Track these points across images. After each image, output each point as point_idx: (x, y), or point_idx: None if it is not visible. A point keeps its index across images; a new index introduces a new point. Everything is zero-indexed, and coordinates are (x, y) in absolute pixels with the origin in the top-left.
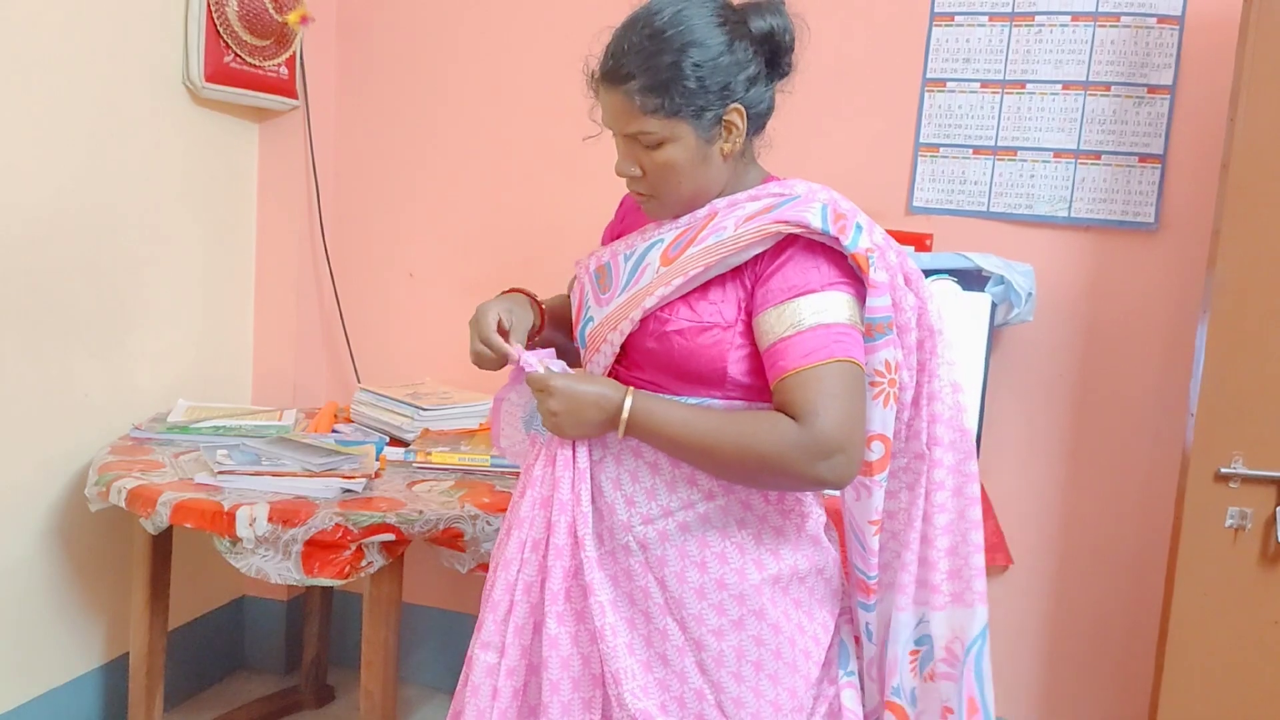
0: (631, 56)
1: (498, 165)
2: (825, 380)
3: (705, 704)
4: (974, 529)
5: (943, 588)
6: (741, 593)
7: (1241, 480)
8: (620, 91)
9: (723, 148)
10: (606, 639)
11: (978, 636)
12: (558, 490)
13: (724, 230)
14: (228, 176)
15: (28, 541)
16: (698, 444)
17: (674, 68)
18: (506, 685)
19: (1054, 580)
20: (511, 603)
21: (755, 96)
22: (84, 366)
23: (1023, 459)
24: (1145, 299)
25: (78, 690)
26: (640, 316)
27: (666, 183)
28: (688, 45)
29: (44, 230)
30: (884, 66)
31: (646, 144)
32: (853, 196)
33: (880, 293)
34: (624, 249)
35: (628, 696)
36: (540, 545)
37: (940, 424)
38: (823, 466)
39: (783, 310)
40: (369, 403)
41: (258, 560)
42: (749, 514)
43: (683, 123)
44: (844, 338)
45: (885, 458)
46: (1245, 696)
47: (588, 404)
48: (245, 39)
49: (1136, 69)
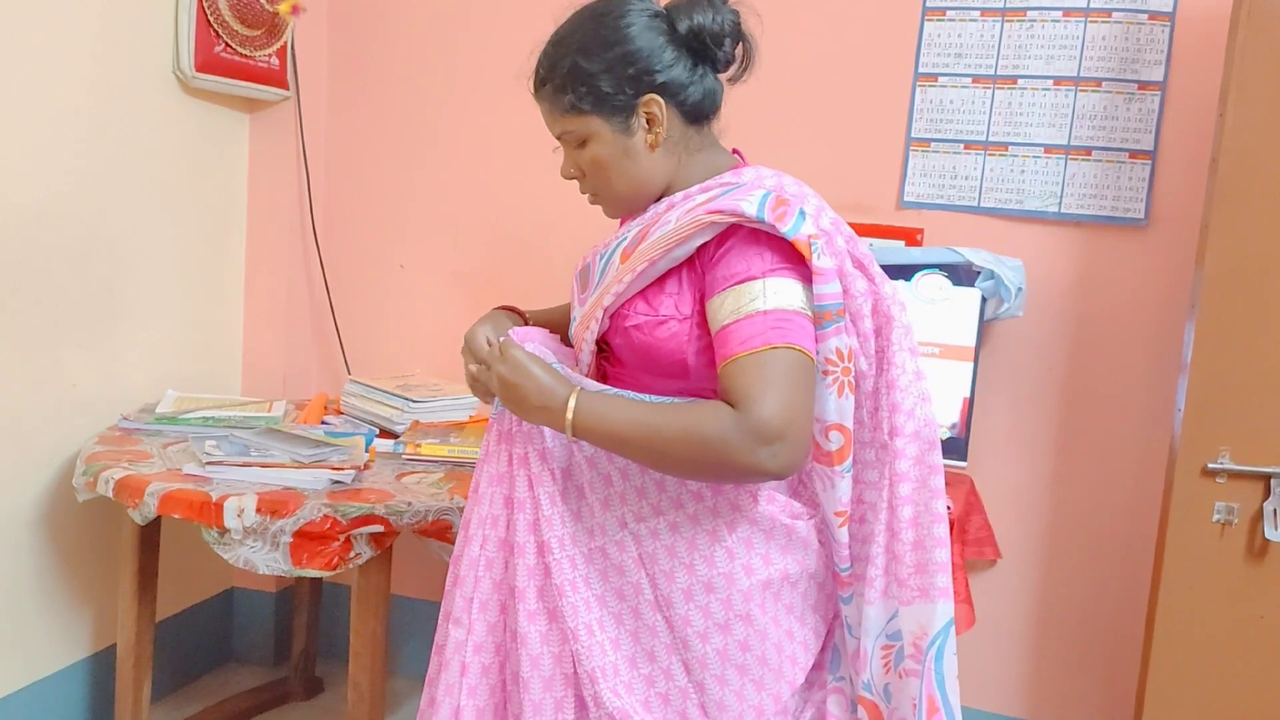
0: (544, 63)
1: (489, 157)
2: (764, 367)
3: (689, 703)
4: (938, 522)
5: (910, 582)
6: (729, 597)
7: (1228, 475)
8: (540, 97)
9: (647, 139)
10: (582, 639)
11: (939, 633)
12: (515, 488)
13: (668, 224)
14: (218, 167)
15: (14, 532)
16: (642, 439)
17: (575, 66)
18: (474, 660)
19: (1042, 574)
20: (475, 579)
21: (675, 86)
22: (72, 357)
23: (1011, 453)
24: (1134, 294)
25: (65, 681)
26: (602, 315)
27: (600, 180)
28: (588, 43)
29: (32, 220)
30: (876, 61)
31: (573, 144)
32: (844, 190)
33: (826, 279)
34: (601, 249)
35: (605, 694)
36: (499, 526)
37: (900, 413)
38: (763, 454)
39: (725, 298)
40: (359, 394)
41: (246, 551)
42: (739, 516)
43: (594, 118)
44: (783, 324)
45: (846, 447)
46: (1231, 690)
47: (531, 388)
48: (236, 29)
49: (1128, 65)
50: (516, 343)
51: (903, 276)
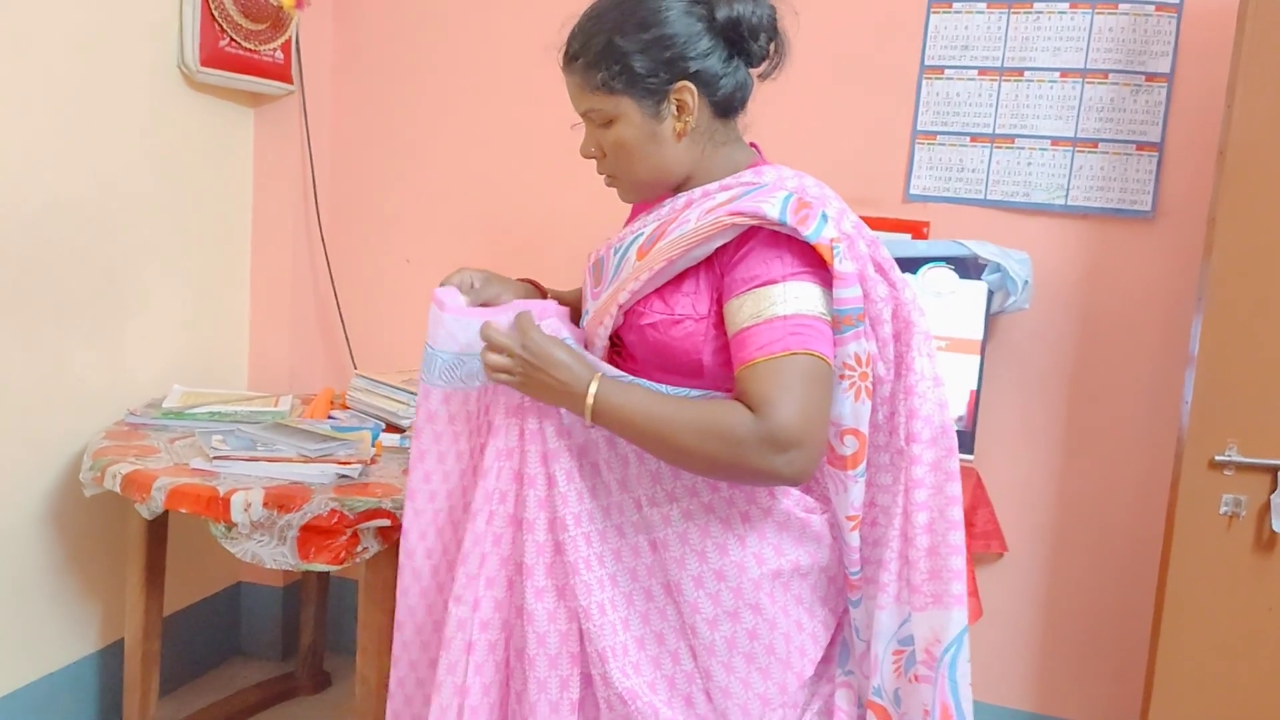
0: (578, 36)
1: (495, 150)
2: (783, 373)
3: (694, 688)
4: (953, 529)
5: (923, 588)
6: (739, 585)
7: (1236, 468)
8: (570, 71)
9: (675, 126)
10: (594, 617)
11: (954, 640)
12: (526, 464)
13: (688, 223)
14: (223, 161)
15: (22, 527)
16: (659, 432)
17: (610, 44)
18: (481, 638)
19: (1049, 567)
20: (482, 555)
21: (709, 75)
22: (79, 352)
23: (1018, 446)
24: (1141, 287)
25: (73, 676)
26: (617, 311)
27: (621, 162)
28: (625, 22)
29: (38, 216)
30: (882, 53)
31: (598, 122)
32: (850, 183)
33: (848, 284)
34: (615, 243)
35: (614, 674)
36: (507, 502)
37: (918, 419)
38: (779, 460)
39: (743, 301)
40: (365, 389)
41: (253, 545)
42: (753, 507)
43: (625, 99)
44: (803, 330)
45: (860, 452)
46: (1239, 682)
47: (552, 372)
48: (241, 23)
49: (1134, 57)
50: (535, 322)
51: (909, 269)
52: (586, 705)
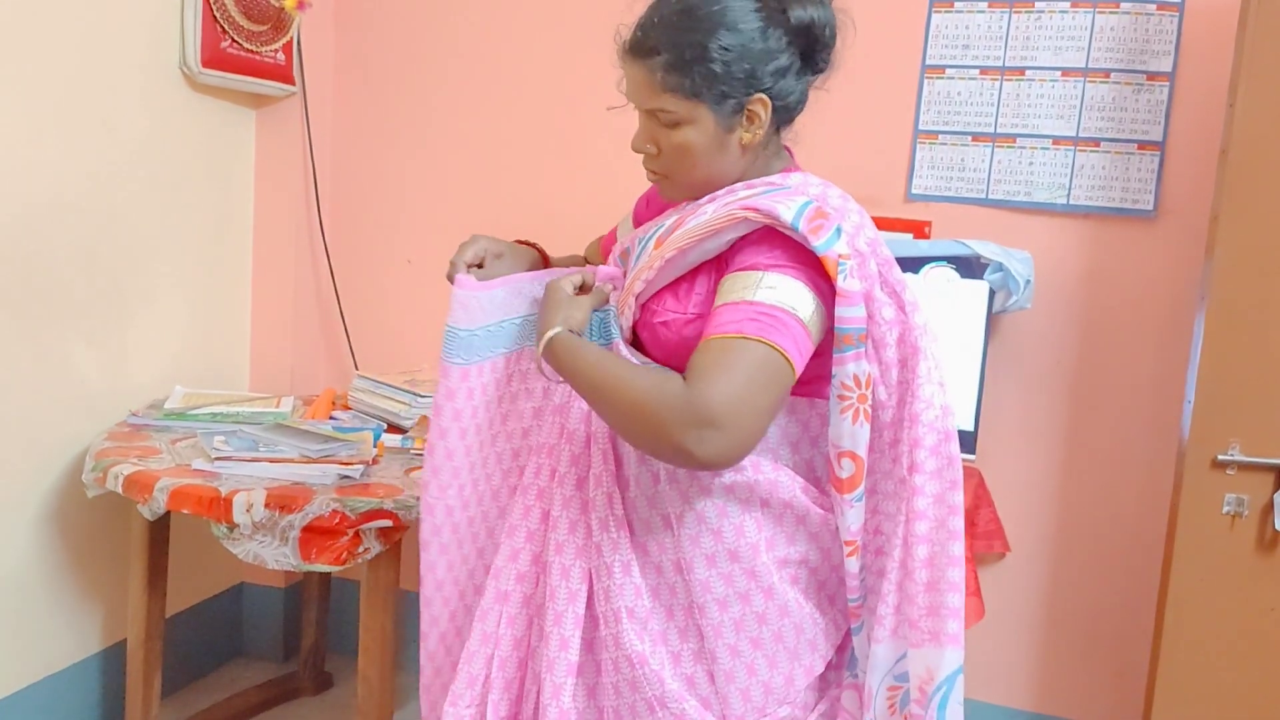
0: (660, 31)
1: (496, 151)
2: (728, 353)
3: (698, 669)
4: (953, 566)
5: (921, 624)
6: (753, 568)
7: (1238, 467)
8: (644, 65)
9: (742, 137)
10: (616, 575)
11: (945, 680)
12: (568, 418)
13: (703, 215)
14: (225, 162)
15: (24, 528)
16: (599, 385)
17: (700, 48)
18: (517, 590)
19: (1051, 567)
20: (526, 507)
21: (784, 89)
22: (80, 353)
23: (1020, 446)
24: (1143, 286)
25: (75, 677)
26: (634, 303)
27: (680, 165)
28: (718, 26)
29: (40, 217)
30: (883, 53)
31: (664, 122)
32: (851, 183)
33: (851, 302)
34: (641, 233)
35: (626, 635)
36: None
37: (922, 449)
38: (691, 436)
39: (726, 281)
40: (367, 389)
41: (255, 546)
42: (775, 495)
43: (703, 106)
44: (767, 318)
45: (857, 476)
46: (1241, 682)
47: (548, 306)
48: (242, 24)
49: (1136, 55)
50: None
51: (911, 269)
52: (585, 670)
